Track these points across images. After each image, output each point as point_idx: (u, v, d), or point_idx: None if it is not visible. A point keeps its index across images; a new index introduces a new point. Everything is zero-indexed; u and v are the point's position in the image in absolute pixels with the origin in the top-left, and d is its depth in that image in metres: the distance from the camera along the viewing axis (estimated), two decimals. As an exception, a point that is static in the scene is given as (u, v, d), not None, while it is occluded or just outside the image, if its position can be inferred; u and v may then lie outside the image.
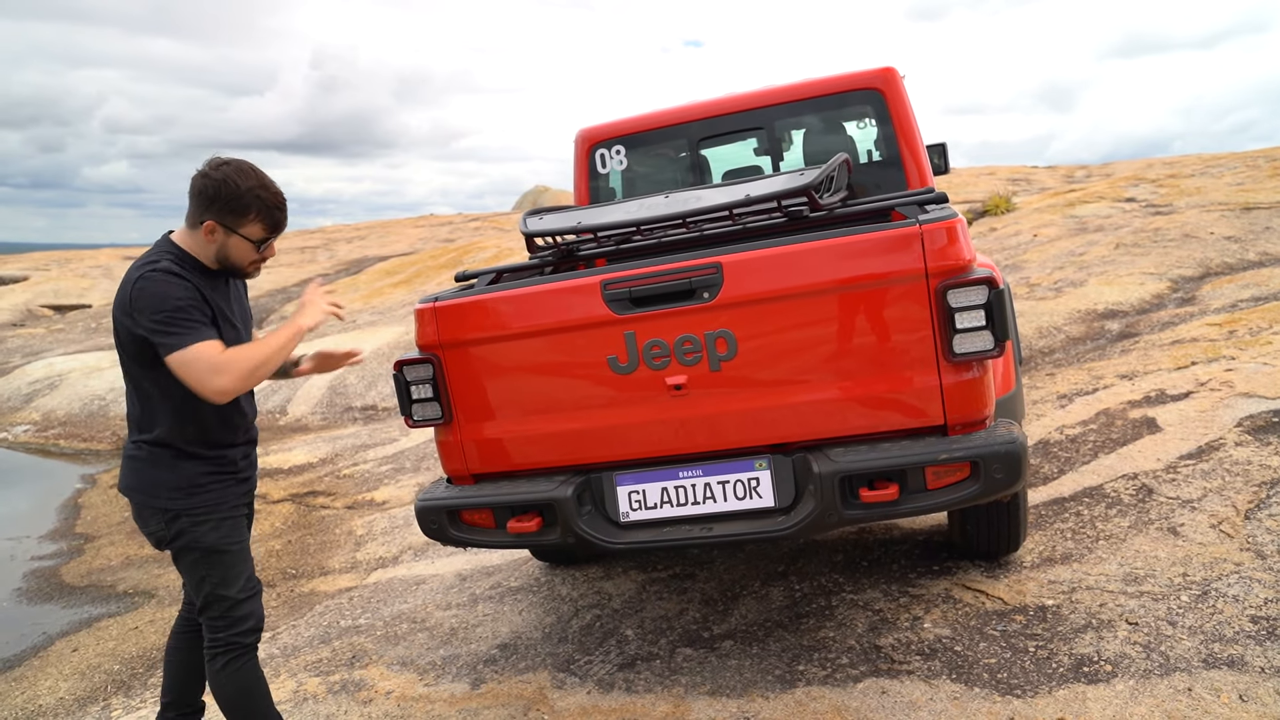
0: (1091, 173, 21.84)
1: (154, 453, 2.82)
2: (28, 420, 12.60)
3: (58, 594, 6.24)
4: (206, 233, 2.77)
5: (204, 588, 2.85)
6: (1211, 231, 10.04)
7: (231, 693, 2.89)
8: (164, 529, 2.82)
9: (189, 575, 2.88)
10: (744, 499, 3.09)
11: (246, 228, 2.79)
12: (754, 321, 3.01)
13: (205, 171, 2.76)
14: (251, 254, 2.86)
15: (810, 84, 4.81)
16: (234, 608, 2.88)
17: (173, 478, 2.81)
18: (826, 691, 3.19)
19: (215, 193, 2.74)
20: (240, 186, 2.74)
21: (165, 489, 2.81)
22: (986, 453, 2.79)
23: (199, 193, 2.76)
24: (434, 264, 20.20)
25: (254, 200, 2.77)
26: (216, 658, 2.87)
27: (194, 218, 2.80)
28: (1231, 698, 2.78)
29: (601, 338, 3.13)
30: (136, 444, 2.85)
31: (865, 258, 2.91)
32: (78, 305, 23.16)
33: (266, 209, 2.80)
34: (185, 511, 2.81)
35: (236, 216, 2.77)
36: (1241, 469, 4.30)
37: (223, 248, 2.82)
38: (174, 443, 2.81)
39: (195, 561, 2.84)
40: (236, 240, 2.81)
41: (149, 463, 2.82)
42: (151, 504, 2.82)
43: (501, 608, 4.46)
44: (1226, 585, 3.41)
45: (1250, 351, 5.89)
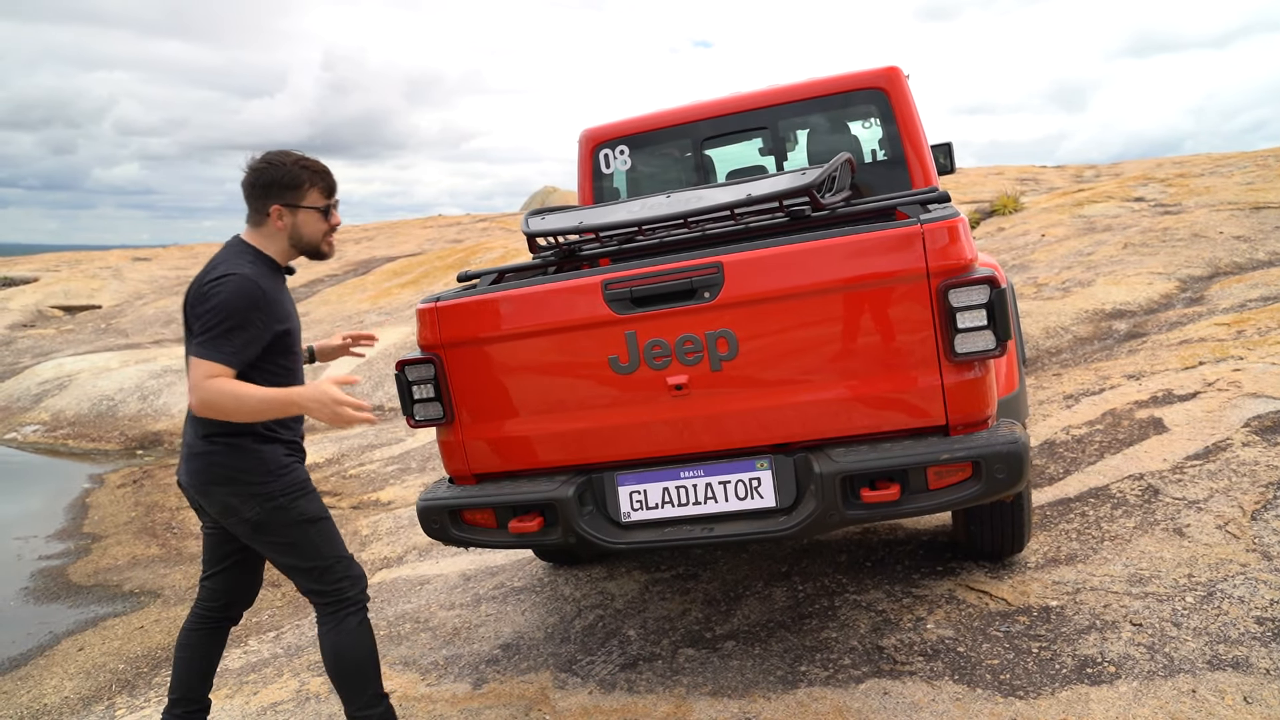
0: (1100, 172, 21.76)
1: (233, 443, 2.87)
2: (37, 420, 12.65)
3: (64, 593, 6.26)
4: (275, 220, 2.92)
5: (320, 556, 2.96)
6: (1221, 231, 9.99)
7: (365, 648, 2.98)
8: (260, 513, 2.88)
9: (299, 551, 2.94)
10: (745, 499, 3.09)
11: (308, 198, 2.94)
12: (755, 321, 3.00)
13: (248, 169, 2.92)
14: (322, 224, 3.00)
15: (814, 84, 4.80)
16: (350, 565, 3.02)
17: (259, 463, 2.89)
18: (828, 692, 3.18)
19: (268, 179, 2.90)
20: (285, 164, 2.91)
21: (255, 475, 2.88)
22: (988, 453, 2.78)
23: (253, 186, 2.91)
24: (441, 264, 20.23)
25: (301, 171, 2.92)
26: (349, 617, 2.97)
27: (258, 212, 2.94)
28: (1236, 699, 2.77)
29: (602, 337, 3.12)
30: (210, 438, 2.89)
31: (866, 257, 2.89)
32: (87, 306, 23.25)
33: (315, 174, 2.95)
34: (281, 492, 2.90)
35: (294, 191, 2.92)
36: (1248, 469, 4.27)
37: (294, 229, 2.95)
38: (254, 429, 2.88)
39: (304, 534, 2.93)
40: (303, 215, 2.95)
41: (225, 454, 2.87)
42: (243, 492, 2.87)
43: (504, 608, 4.46)
44: (1232, 586, 3.39)
45: (1258, 351, 5.85)
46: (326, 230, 3.03)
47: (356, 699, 2.96)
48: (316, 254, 3.05)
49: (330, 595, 2.97)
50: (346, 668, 2.95)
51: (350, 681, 2.96)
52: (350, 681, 2.96)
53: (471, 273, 3.83)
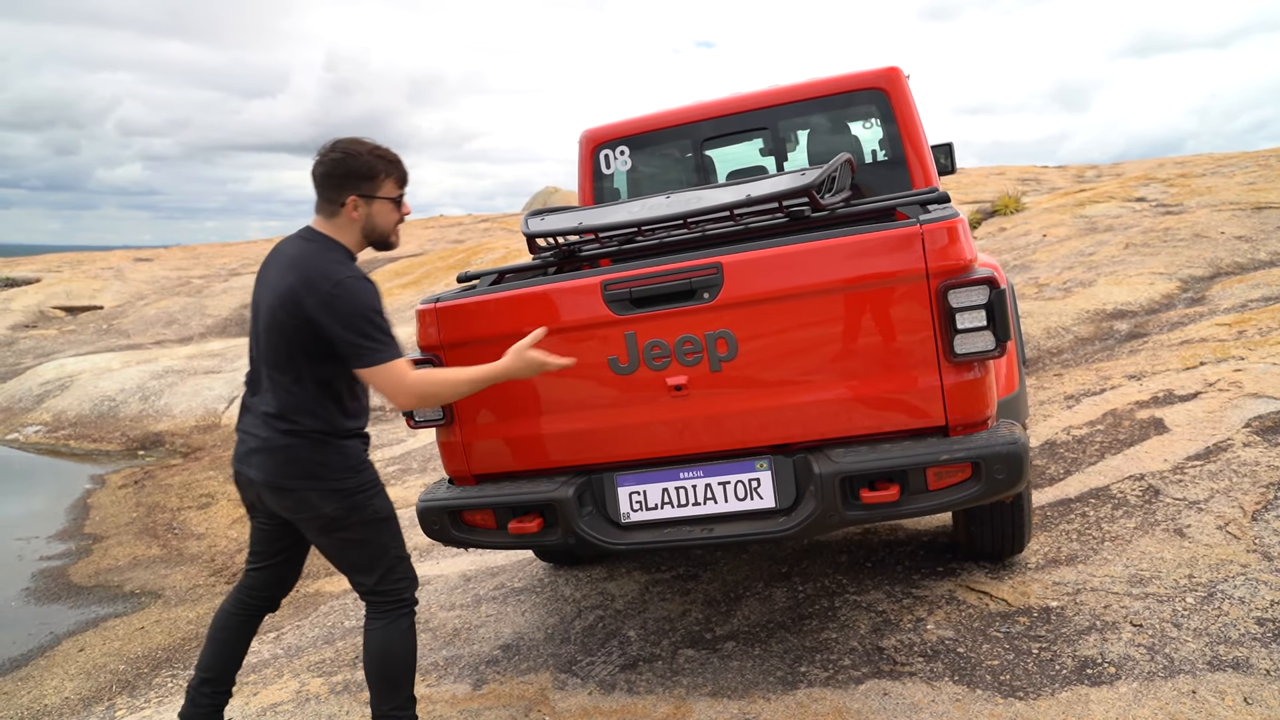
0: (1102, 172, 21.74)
1: (313, 438, 2.85)
2: (38, 421, 12.65)
3: (65, 594, 6.27)
4: (350, 210, 2.88)
5: (387, 556, 2.95)
6: (1222, 231, 9.98)
7: (412, 650, 2.97)
8: (340, 509, 2.86)
9: (366, 548, 2.93)
10: (745, 500, 3.09)
11: (383, 189, 2.91)
12: (754, 322, 3.00)
13: (322, 157, 2.87)
14: (394, 214, 2.97)
15: (814, 84, 4.80)
16: (409, 566, 3.02)
17: (341, 459, 2.88)
18: (828, 693, 3.18)
19: (345, 169, 2.86)
20: (361, 154, 2.87)
21: (337, 470, 2.86)
22: (988, 453, 2.78)
23: (329, 175, 2.87)
24: (443, 265, 20.23)
25: (376, 161, 2.89)
26: (402, 618, 2.96)
27: (332, 202, 2.89)
28: (1236, 700, 2.76)
29: (602, 338, 3.13)
30: (291, 433, 2.85)
31: (865, 258, 2.89)
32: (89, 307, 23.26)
33: (390, 164, 2.92)
34: (359, 489, 2.89)
35: (370, 181, 2.88)
36: (1249, 470, 4.27)
37: (368, 219, 2.91)
38: (337, 427, 2.89)
39: (377, 532, 2.93)
40: (378, 205, 2.91)
41: (310, 449, 2.85)
42: (323, 487, 2.85)
43: (505, 608, 4.46)
44: (1232, 587, 3.38)
45: (1260, 352, 5.85)
46: (397, 220, 3.00)
47: (392, 698, 2.94)
48: (385, 245, 3.02)
49: (390, 595, 2.96)
50: (392, 668, 2.93)
51: (391, 682, 2.93)
52: (391, 682, 2.93)
53: (471, 273, 3.83)
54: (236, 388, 12.27)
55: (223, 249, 30.76)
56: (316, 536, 2.96)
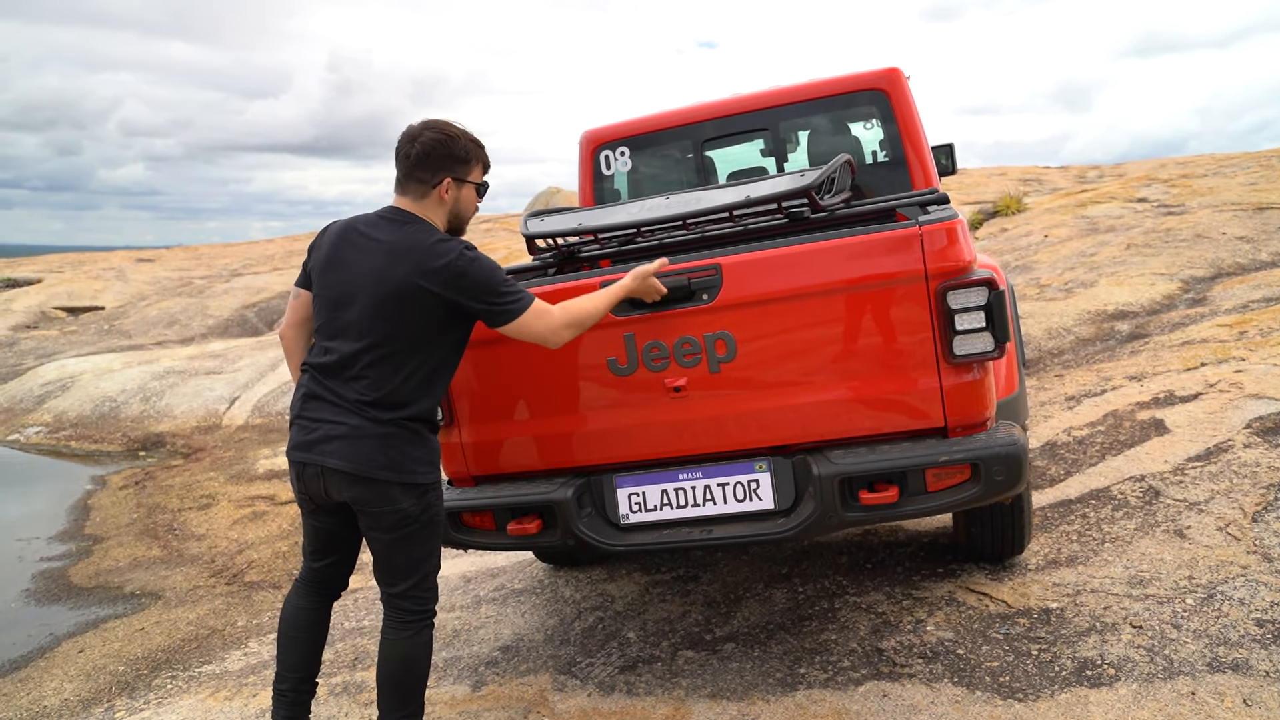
0: (1104, 173, 21.74)
1: (410, 428, 2.80)
2: (39, 422, 12.66)
3: (65, 595, 6.27)
4: (443, 193, 2.86)
5: (430, 561, 2.91)
6: (1223, 232, 9.98)
7: (429, 662, 2.92)
8: (416, 505, 2.80)
9: (420, 550, 2.87)
10: (744, 501, 3.08)
11: (472, 174, 2.92)
12: (753, 323, 2.99)
13: (416, 137, 2.84)
14: (476, 201, 2.98)
15: (815, 85, 4.80)
16: (436, 576, 2.96)
17: (427, 453, 2.85)
18: (827, 694, 3.17)
19: (446, 150, 2.84)
20: (459, 136, 2.86)
21: (421, 464, 2.81)
22: (987, 455, 2.78)
23: (428, 154, 2.83)
24: (444, 266, 20.21)
25: (471, 145, 2.90)
26: (425, 629, 2.90)
27: (424, 183, 2.85)
28: (1235, 702, 2.76)
29: (600, 339, 3.12)
30: (386, 421, 2.76)
31: (864, 259, 2.89)
32: (91, 307, 23.27)
33: (480, 149, 2.93)
34: (433, 486, 2.85)
35: (465, 165, 2.88)
36: (1250, 471, 4.26)
37: (456, 203, 2.91)
38: (429, 418, 2.86)
39: (431, 534, 2.89)
40: (467, 190, 2.92)
41: (405, 439, 2.79)
42: (405, 480, 2.78)
43: (504, 609, 4.46)
44: (1232, 588, 3.38)
45: (1261, 353, 5.84)
46: (476, 208, 3.01)
47: (402, 708, 2.87)
48: (461, 231, 3.00)
49: (419, 602, 2.89)
50: (409, 679, 2.87)
51: (407, 691, 2.87)
52: (407, 691, 2.87)
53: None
54: (238, 388, 12.27)
55: (224, 249, 30.78)
56: (381, 533, 2.82)
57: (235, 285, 22.08)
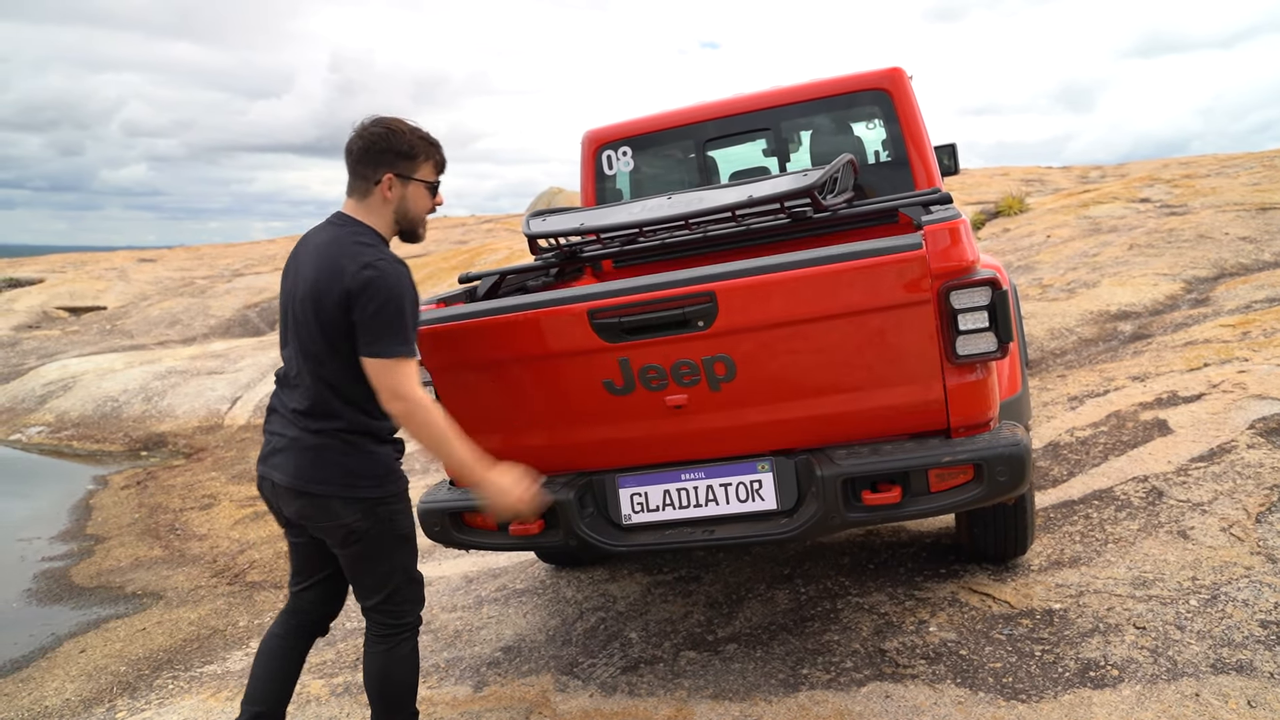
0: (1106, 173, 21.70)
1: (345, 440, 2.69)
2: (41, 421, 12.66)
3: (67, 595, 6.27)
4: (385, 190, 2.72)
5: (396, 576, 2.79)
6: (1226, 232, 9.95)
7: (413, 673, 2.85)
8: (363, 521, 2.69)
9: (380, 566, 2.77)
10: (746, 501, 3.07)
11: (420, 170, 2.76)
12: (753, 346, 2.90)
13: (360, 134, 2.72)
14: (428, 201, 2.81)
15: (817, 85, 4.79)
16: (420, 587, 2.87)
17: (369, 466, 2.72)
18: (830, 695, 3.17)
19: (385, 145, 2.70)
20: (403, 131, 2.72)
21: (362, 478, 2.70)
22: (990, 455, 2.77)
23: (367, 149, 2.71)
24: (446, 265, 20.23)
25: (418, 140, 2.74)
26: (403, 642, 2.82)
27: (366, 180, 2.73)
28: (1240, 703, 2.75)
29: (594, 363, 3.02)
30: (321, 432, 2.68)
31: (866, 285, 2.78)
32: (93, 307, 23.28)
33: (431, 145, 2.78)
34: (384, 500, 2.73)
35: (409, 161, 2.73)
36: (1253, 472, 4.25)
37: (402, 202, 2.75)
38: (370, 429, 2.72)
39: (392, 550, 2.77)
40: (414, 188, 2.76)
41: (340, 451, 2.68)
42: (344, 494, 2.68)
43: (506, 610, 4.45)
44: (1236, 589, 3.37)
45: (1264, 353, 5.83)
46: (431, 209, 2.84)
47: (392, 715, 2.84)
48: (414, 235, 2.85)
49: (393, 616, 2.81)
50: (392, 691, 2.82)
51: (393, 701, 2.83)
52: (393, 701, 2.83)
53: (473, 274, 3.83)
54: (240, 388, 12.27)
55: (226, 249, 30.80)
56: (336, 548, 2.79)
57: (237, 285, 22.10)
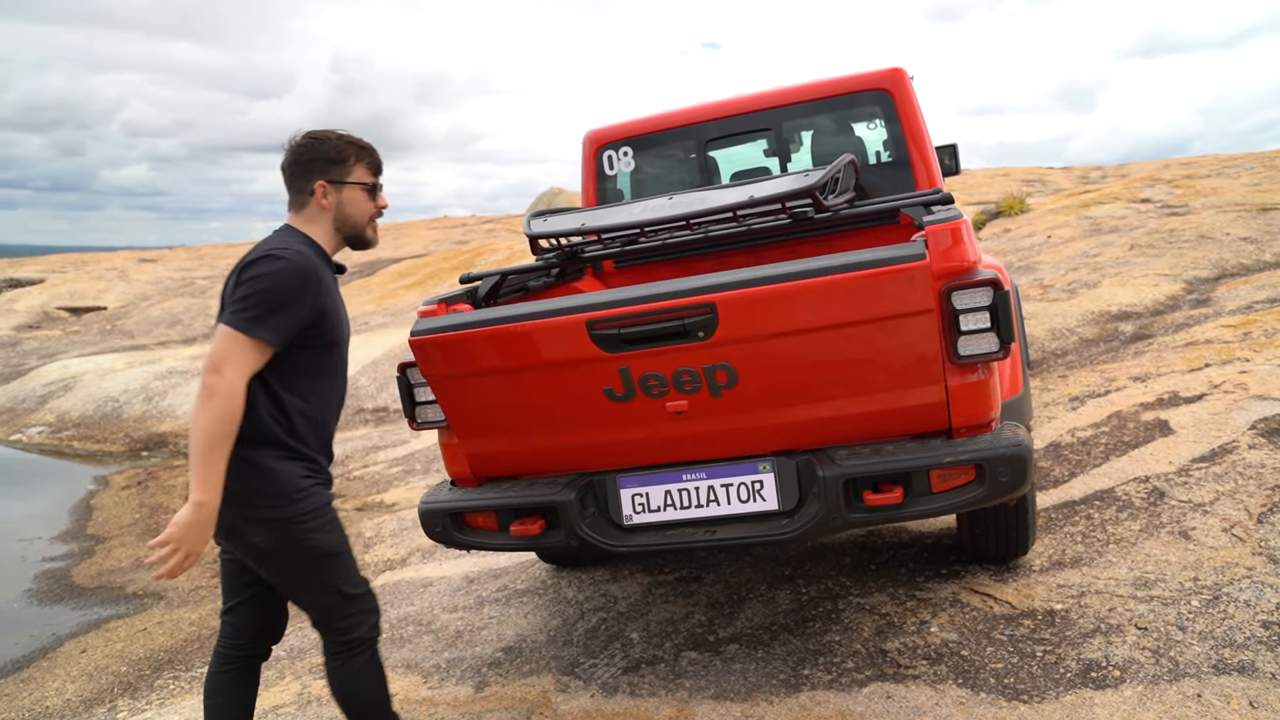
0: (1107, 173, 21.70)
1: (246, 455, 2.53)
2: (42, 422, 12.67)
3: (68, 595, 6.27)
4: (320, 197, 2.71)
5: (327, 594, 2.67)
6: (1227, 232, 9.95)
7: (374, 687, 2.76)
8: (270, 541, 2.58)
9: (305, 585, 2.67)
10: (748, 502, 3.07)
11: (353, 174, 2.74)
12: (754, 354, 2.88)
13: (291, 146, 2.73)
14: (368, 204, 2.78)
15: (818, 85, 4.79)
16: (364, 600, 2.75)
17: (271, 483, 2.57)
18: (831, 696, 3.16)
19: (312, 153, 2.70)
20: (329, 139, 2.72)
21: (260, 496, 2.55)
22: (992, 455, 2.76)
23: (295, 164, 2.72)
24: (447, 266, 20.25)
25: (346, 146, 2.73)
26: (354, 658, 2.71)
27: (301, 192, 2.73)
28: (1242, 704, 2.74)
29: (594, 372, 3.00)
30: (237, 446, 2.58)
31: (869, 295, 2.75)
32: (94, 307, 23.30)
33: (360, 149, 2.76)
34: (295, 520, 2.58)
35: (339, 165, 2.72)
36: (1255, 472, 4.25)
37: (339, 208, 2.73)
38: (276, 440, 2.59)
39: (315, 570, 2.64)
40: (349, 192, 2.74)
41: (241, 468, 2.52)
42: (251, 515, 2.56)
43: (507, 610, 4.45)
44: (1238, 590, 3.36)
45: (1265, 353, 5.82)
46: (373, 212, 2.81)
47: None
48: (361, 240, 2.82)
49: (336, 634, 2.71)
50: (357, 707, 2.75)
51: (361, 715, 2.77)
52: (361, 715, 2.77)
53: (474, 274, 3.83)
54: (240, 389, 12.28)
55: (227, 250, 30.80)
56: (255, 567, 2.70)
57: (238, 285, 22.07)
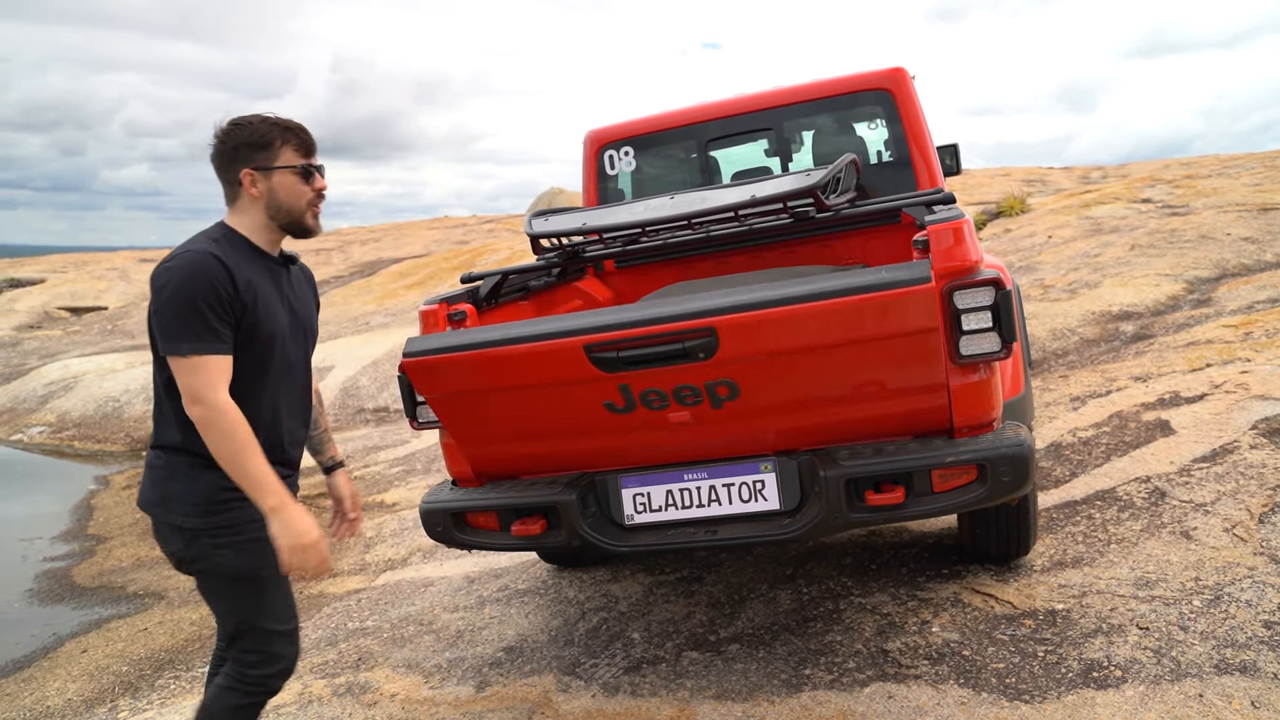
0: (1108, 174, 21.69)
1: (171, 461, 2.50)
2: (43, 422, 12.67)
3: (68, 595, 6.27)
4: (249, 187, 2.54)
5: (233, 617, 2.54)
6: (1228, 232, 9.95)
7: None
8: (184, 550, 2.48)
9: (214, 603, 2.57)
10: (749, 501, 3.07)
11: (280, 157, 2.55)
12: (756, 370, 2.85)
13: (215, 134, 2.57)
14: (302, 188, 2.57)
15: (819, 85, 4.79)
16: (269, 640, 2.54)
17: (189, 490, 2.47)
18: (833, 696, 3.16)
19: (234, 140, 2.53)
20: (252, 123, 2.54)
21: (180, 503, 2.47)
22: (993, 455, 2.76)
23: (220, 152, 2.55)
24: (447, 266, 20.25)
25: (269, 128, 2.54)
26: (232, 692, 2.53)
27: (230, 184, 2.57)
28: (1243, 704, 2.74)
29: (594, 389, 2.96)
30: (155, 451, 2.55)
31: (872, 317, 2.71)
32: (94, 307, 23.30)
33: (287, 130, 2.56)
34: (206, 531, 2.46)
35: (265, 150, 2.53)
36: (1256, 472, 4.24)
37: (271, 195, 2.55)
38: (195, 449, 2.44)
39: (220, 587, 2.52)
40: (279, 177, 2.55)
41: (164, 472, 2.51)
42: (166, 520, 2.49)
43: (508, 610, 4.45)
44: (1239, 590, 3.36)
45: (1266, 353, 5.82)
46: (311, 197, 2.59)
47: None
48: (301, 228, 2.61)
49: (239, 664, 2.54)
50: None
51: None
52: None
53: (475, 274, 3.83)
54: (241, 388, 12.28)
55: (227, 250, 30.79)
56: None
57: (238, 285, 22.08)
